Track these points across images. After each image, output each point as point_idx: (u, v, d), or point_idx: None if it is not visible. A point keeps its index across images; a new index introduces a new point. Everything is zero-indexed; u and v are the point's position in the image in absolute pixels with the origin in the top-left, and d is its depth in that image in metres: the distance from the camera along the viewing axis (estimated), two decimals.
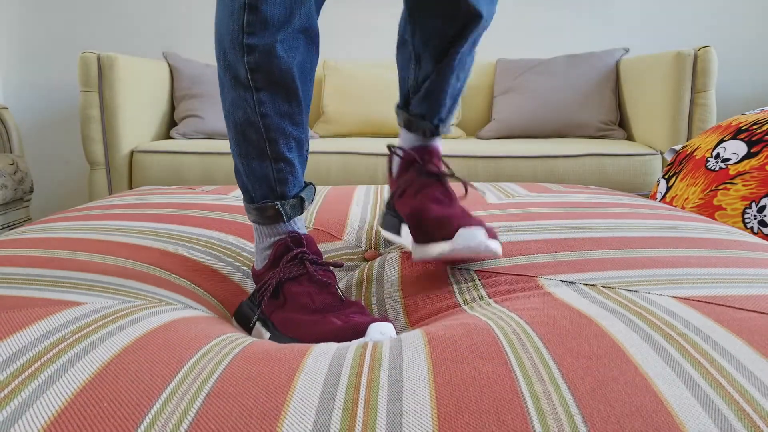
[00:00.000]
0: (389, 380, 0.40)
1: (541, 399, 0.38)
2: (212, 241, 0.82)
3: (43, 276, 0.61)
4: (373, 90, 2.31)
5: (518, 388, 0.39)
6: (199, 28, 2.64)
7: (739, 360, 0.42)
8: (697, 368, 0.41)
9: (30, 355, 0.43)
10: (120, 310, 0.53)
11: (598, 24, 2.59)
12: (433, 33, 0.70)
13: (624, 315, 0.50)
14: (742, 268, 0.61)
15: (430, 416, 0.36)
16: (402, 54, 0.77)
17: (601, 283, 0.58)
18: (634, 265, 0.63)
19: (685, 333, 0.46)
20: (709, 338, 0.45)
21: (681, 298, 0.53)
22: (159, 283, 0.66)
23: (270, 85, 0.63)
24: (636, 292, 0.55)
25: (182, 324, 0.52)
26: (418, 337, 0.48)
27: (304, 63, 0.64)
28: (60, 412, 0.36)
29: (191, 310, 0.60)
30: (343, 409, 0.37)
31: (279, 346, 0.47)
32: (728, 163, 1.19)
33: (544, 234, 0.76)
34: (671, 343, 0.44)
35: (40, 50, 2.63)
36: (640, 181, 1.85)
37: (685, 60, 1.86)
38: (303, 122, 0.67)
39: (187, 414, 0.36)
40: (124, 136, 1.96)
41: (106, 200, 1.08)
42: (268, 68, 0.62)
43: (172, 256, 0.75)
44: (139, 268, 0.69)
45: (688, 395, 0.38)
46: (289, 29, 0.61)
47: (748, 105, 2.59)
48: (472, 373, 0.41)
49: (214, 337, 0.49)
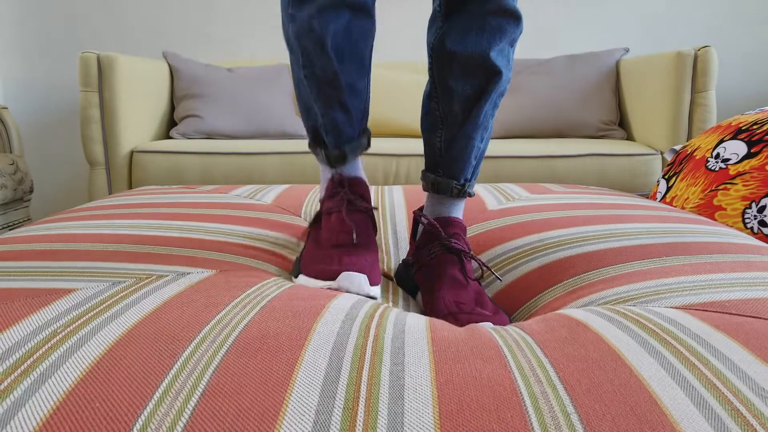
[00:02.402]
0: (390, 377, 0.40)
1: (539, 399, 0.38)
2: (210, 228, 0.82)
3: (33, 267, 0.61)
4: (380, 91, 2.31)
5: (517, 388, 0.39)
6: (199, 28, 2.64)
7: (734, 362, 0.42)
8: (692, 370, 0.41)
9: (21, 352, 0.42)
10: (110, 296, 0.53)
11: (599, 24, 2.59)
12: (457, 95, 0.74)
13: (620, 322, 0.50)
14: (738, 272, 0.61)
15: (432, 414, 0.36)
16: (427, 121, 0.81)
17: (601, 302, 0.59)
18: (632, 279, 0.63)
19: (680, 337, 0.46)
20: (704, 341, 0.45)
21: (679, 307, 0.53)
22: (149, 258, 0.65)
23: (308, 50, 0.72)
24: (634, 306, 0.56)
25: (174, 305, 0.51)
26: (422, 333, 0.48)
27: (349, 29, 0.72)
28: (52, 412, 0.35)
29: (183, 277, 0.60)
30: (344, 409, 0.37)
31: (276, 331, 0.47)
32: (728, 163, 1.19)
33: (541, 259, 0.75)
34: (666, 347, 0.45)
35: (40, 50, 2.63)
36: (640, 181, 1.85)
37: (686, 60, 1.86)
38: (342, 85, 0.73)
39: (182, 413, 0.36)
40: (123, 136, 1.96)
41: (105, 200, 1.07)
42: (305, 36, 0.71)
43: (163, 237, 0.76)
44: (128, 249, 0.69)
45: (682, 396, 0.38)
46: (325, 3, 0.69)
47: (748, 105, 2.59)
48: (473, 373, 0.41)
49: (207, 321, 0.48)
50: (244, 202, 1.04)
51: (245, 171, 1.89)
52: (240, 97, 2.23)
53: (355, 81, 0.74)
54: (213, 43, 2.65)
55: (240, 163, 1.89)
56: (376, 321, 0.51)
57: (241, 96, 2.24)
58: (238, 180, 1.89)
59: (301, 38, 0.71)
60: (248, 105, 2.23)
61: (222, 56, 2.65)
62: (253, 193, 1.14)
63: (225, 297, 0.54)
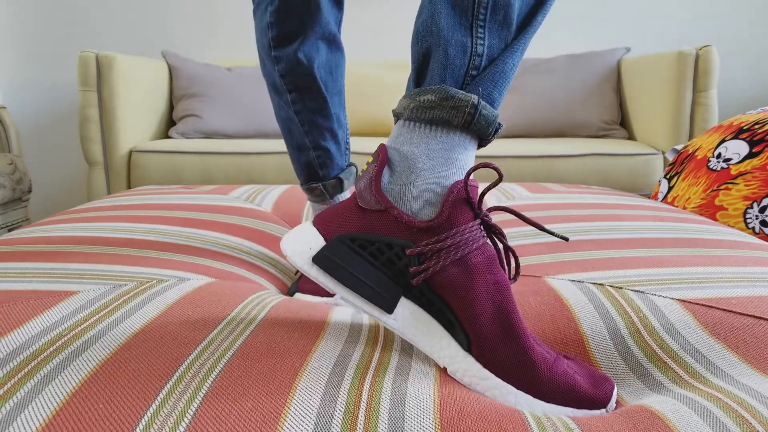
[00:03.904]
0: (393, 384, 0.40)
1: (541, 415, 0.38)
2: (209, 238, 0.81)
3: (35, 269, 0.61)
4: (375, 90, 2.31)
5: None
6: (199, 27, 2.63)
7: (734, 377, 0.42)
8: (697, 382, 0.40)
9: (26, 354, 0.42)
10: (113, 299, 0.53)
11: (600, 23, 2.59)
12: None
13: (618, 330, 0.49)
14: (744, 266, 0.61)
15: (432, 421, 0.36)
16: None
17: (608, 282, 0.58)
18: (641, 264, 0.63)
19: (680, 355, 0.46)
20: (704, 358, 0.45)
21: (684, 300, 0.53)
22: (150, 262, 0.65)
23: (298, 86, 0.74)
24: (642, 293, 0.55)
25: (179, 309, 0.51)
26: None
27: (329, 63, 0.76)
28: (55, 413, 0.36)
29: (184, 282, 0.59)
30: (344, 413, 0.36)
31: (283, 337, 0.46)
32: (730, 163, 1.19)
33: (545, 238, 0.75)
34: (664, 372, 0.44)
35: (38, 49, 2.63)
36: (641, 181, 1.85)
37: (687, 59, 1.86)
38: (331, 114, 0.77)
39: (185, 415, 0.35)
40: (122, 136, 1.96)
41: (104, 200, 1.07)
42: (294, 73, 0.74)
43: (165, 243, 0.75)
44: (130, 253, 0.68)
45: (684, 408, 0.38)
46: (306, 38, 0.73)
47: (749, 105, 2.58)
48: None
49: (214, 326, 0.48)
50: (243, 207, 1.03)
51: (244, 171, 1.88)
52: (239, 96, 2.23)
53: (339, 112, 0.78)
54: (213, 42, 2.64)
55: (239, 163, 1.88)
56: (383, 332, 0.51)
57: (240, 96, 2.23)
58: (237, 180, 1.89)
59: (289, 75, 0.74)
60: (248, 105, 2.22)
61: (222, 56, 2.64)
62: (252, 195, 1.14)
63: (229, 303, 0.54)
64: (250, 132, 2.20)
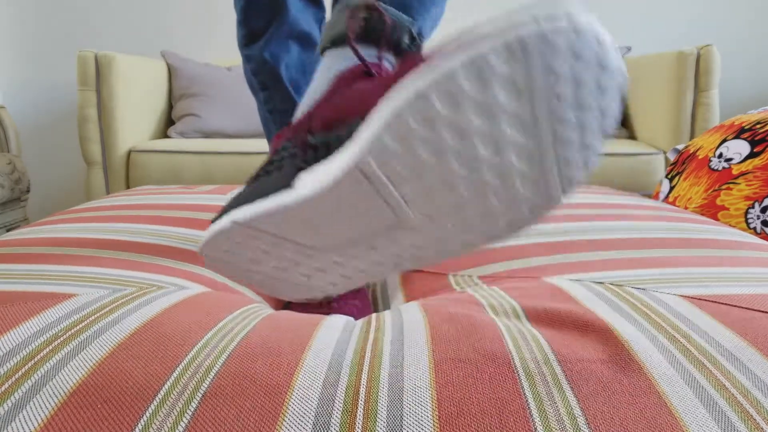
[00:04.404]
0: (390, 380, 0.40)
1: (545, 401, 0.37)
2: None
3: (33, 270, 0.61)
4: None
5: (521, 390, 0.38)
6: (198, 27, 2.63)
7: (743, 362, 0.41)
8: (701, 370, 0.40)
9: (22, 355, 0.42)
10: (111, 301, 0.53)
11: (600, 22, 2.59)
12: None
13: (630, 314, 0.49)
14: (748, 267, 0.60)
15: (431, 417, 0.36)
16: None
17: (609, 281, 0.58)
18: (642, 264, 0.62)
19: (689, 334, 0.45)
20: (713, 340, 0.45)
21: (688, 296, 0.52)
22: (150, 268, 0.65)
23: (267, 85, 0.73)
24: (644, 290, 0.55)
25: (177, 312, 0.51)
26: (421, 331, 0.47)
27: (302, 62, 0.73)
28: (53, 414, 0.35)
29: (184, 290, 0.59)
30: (343, 411, 0.36)
31: (278, 337, 0.46)
32: (731, 163, 1.18)
33: (544, 237, 0.75)
34: (675, 345, 0.44)
35: (38, 49, 2.62)
36: (642, 180, 1.84)
37: (688, 59, 1.85)
38: None
39: (183, 416, 0.36)
40: (121, 136, 1.95)
41: (103, 200, 1.07)
42: (262, 72, 0.72)
43: (166, 247, 0.75)
44: (131, 258, 0.68)
45: (692, 396, 0.37)
46: (272, 37, 0.71)
47: (750, 105, 2.58)
48: (474, 373, 0.40)
49: (210, 327, 0.48)
50: None
51: (244, 171, 1.88)
52: (239, 96, 2.23)
53: None
54: (212, 42, 2.64)
55: (239, 163, 1.88)
56: (374, 325, 0.51)
57: (240, 95, 2.23)
58: (236, 180, 1.88)
59: (258, 74, 0.73)
60: (248, 105, 2.22)
61: (221, 56, 2.64)
62: None
63: (226, 307, 0.54)
64: (250, 132, 2.20)
